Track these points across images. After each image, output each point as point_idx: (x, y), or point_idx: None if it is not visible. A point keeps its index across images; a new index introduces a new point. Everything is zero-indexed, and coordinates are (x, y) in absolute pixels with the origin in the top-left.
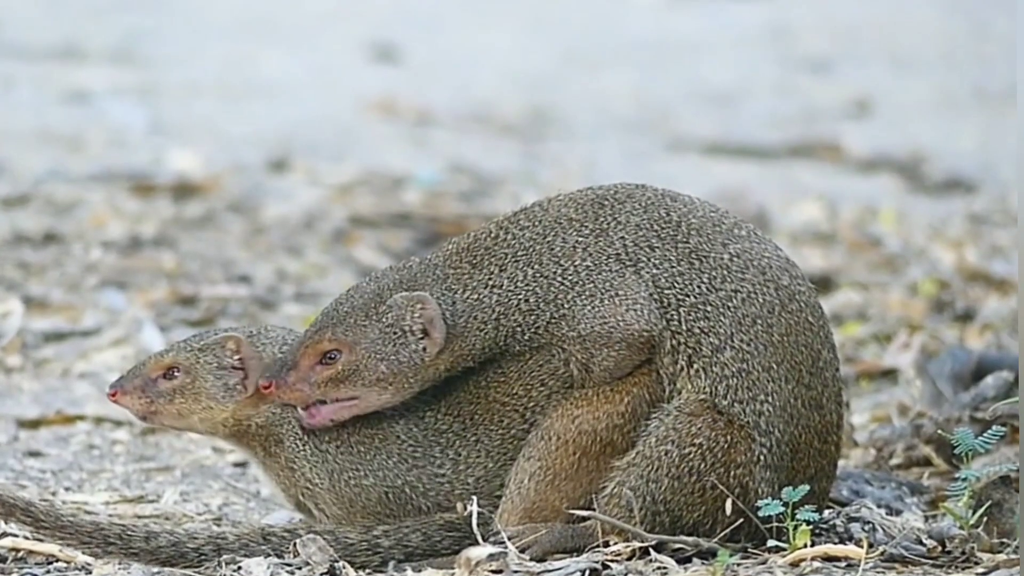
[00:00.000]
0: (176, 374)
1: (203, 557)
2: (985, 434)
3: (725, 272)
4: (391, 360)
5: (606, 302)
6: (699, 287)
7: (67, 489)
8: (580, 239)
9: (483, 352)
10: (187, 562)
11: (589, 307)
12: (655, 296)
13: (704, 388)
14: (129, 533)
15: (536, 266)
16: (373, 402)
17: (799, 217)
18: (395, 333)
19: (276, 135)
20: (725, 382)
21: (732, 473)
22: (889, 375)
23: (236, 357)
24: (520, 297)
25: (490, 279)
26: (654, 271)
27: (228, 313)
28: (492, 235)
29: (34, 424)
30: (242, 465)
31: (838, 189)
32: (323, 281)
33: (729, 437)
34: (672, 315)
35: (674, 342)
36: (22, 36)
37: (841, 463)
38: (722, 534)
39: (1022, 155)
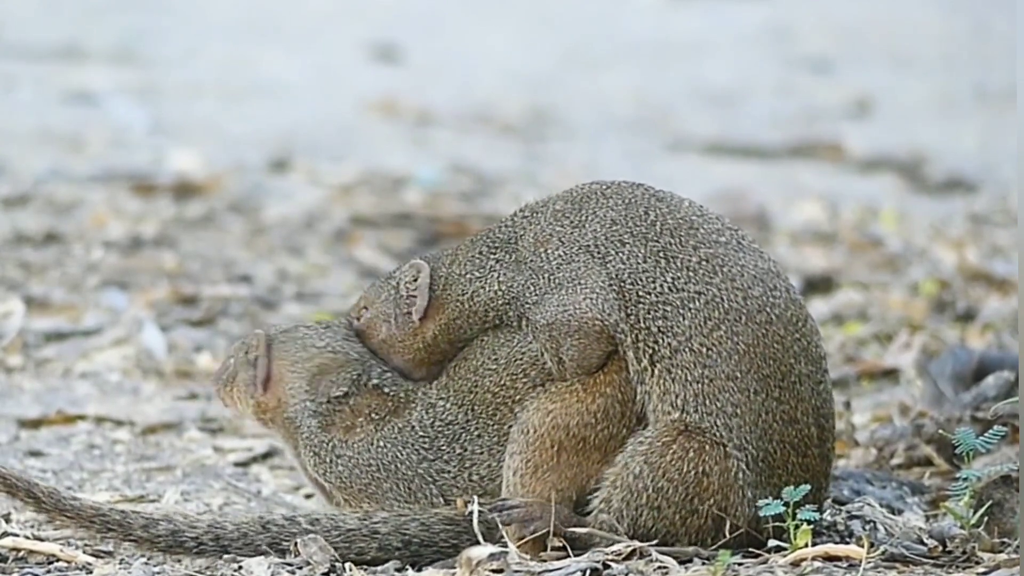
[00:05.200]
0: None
1: (202, 546)
2: (986, 434)
3: (690, 274)
4: (391, 323)
5: (569, 291)
6: (661, 287)
7: (68, 488)
8: (559, 229)
9: (465, 323)
10: (185, 551)
11: (555, 296)
12: (616, 289)
13: (676, 401)
14: (129, 520)
15: (517, 252)
16: (392, 363)
17: (800, 217)
18: (394, 297)
19: (277, 135)
20: (691, 388)
21: (707, 502)
22: (890, 375)
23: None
24: (495, 275)
25: (477, 257)
26: (619, 266)
27: (229, 313)
28: (501, 222)
29: (35, 424)
30: (243, 465)
31: (839, 189)
32: (324, 281)
33: (702, 465)
34: (632, 311)
35: (633, 337)
36: (22, 36)
37: (842, 463)
38: (720, 544)
39: (1022, 155)
